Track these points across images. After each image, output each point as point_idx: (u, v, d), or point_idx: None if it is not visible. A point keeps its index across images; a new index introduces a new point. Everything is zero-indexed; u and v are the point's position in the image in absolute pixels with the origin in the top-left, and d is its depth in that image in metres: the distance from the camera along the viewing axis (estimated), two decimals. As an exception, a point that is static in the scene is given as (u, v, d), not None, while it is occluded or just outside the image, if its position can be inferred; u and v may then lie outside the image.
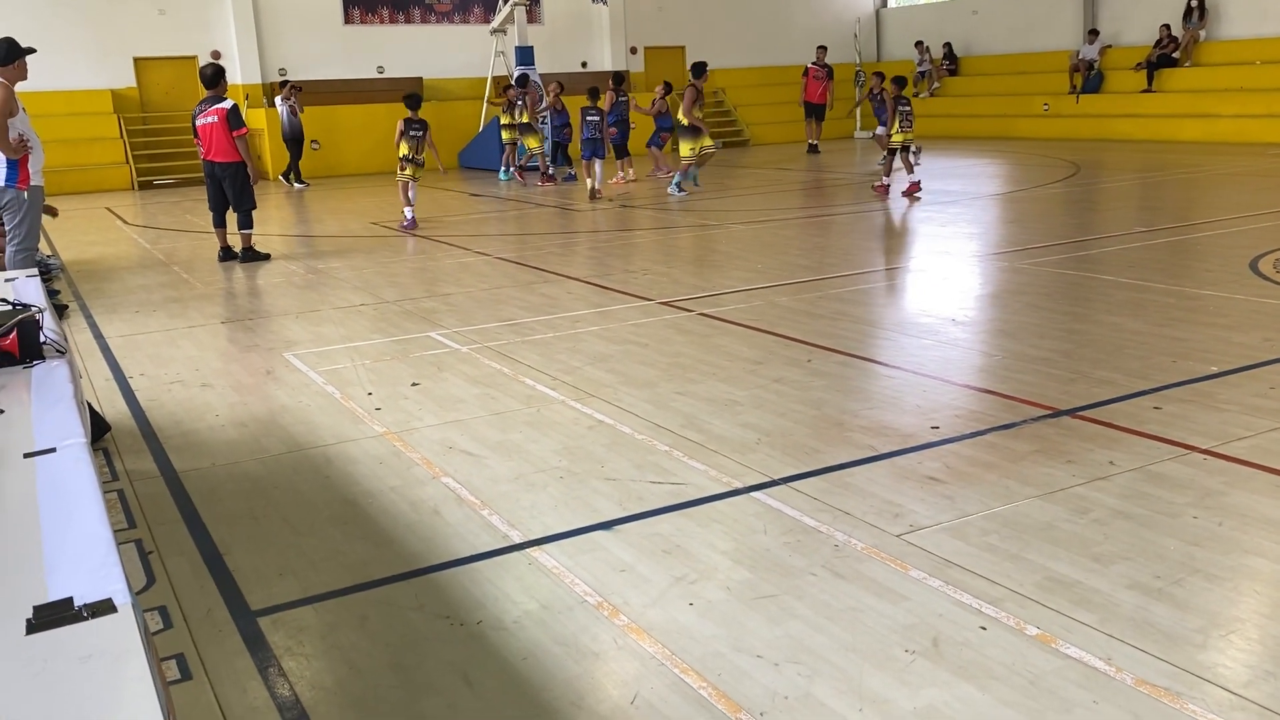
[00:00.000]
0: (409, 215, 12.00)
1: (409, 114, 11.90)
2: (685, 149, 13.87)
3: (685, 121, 13.70)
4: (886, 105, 13.43)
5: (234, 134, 9.70)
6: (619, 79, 16.89)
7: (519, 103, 16.45)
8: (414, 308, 7.60)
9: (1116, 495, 3.75)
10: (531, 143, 16.60)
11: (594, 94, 14.94)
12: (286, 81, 18.85)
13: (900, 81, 13.29)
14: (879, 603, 3.07)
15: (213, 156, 9.89)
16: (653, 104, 15.99)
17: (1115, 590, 3.08)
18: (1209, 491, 3.75)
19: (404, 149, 11.87)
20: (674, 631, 2.96)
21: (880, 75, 15.17)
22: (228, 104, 9.76)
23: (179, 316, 7.71)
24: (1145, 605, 2.99)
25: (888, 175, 13.66)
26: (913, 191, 12.93)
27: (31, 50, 7.04)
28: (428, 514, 3.88)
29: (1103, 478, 3.92)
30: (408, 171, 11.92)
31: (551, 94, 16.14)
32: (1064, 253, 8.80)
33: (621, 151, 16.31)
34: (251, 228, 10.14)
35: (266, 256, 10.20)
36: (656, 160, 16.86)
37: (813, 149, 20.46)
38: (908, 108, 13.07)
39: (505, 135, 17.00)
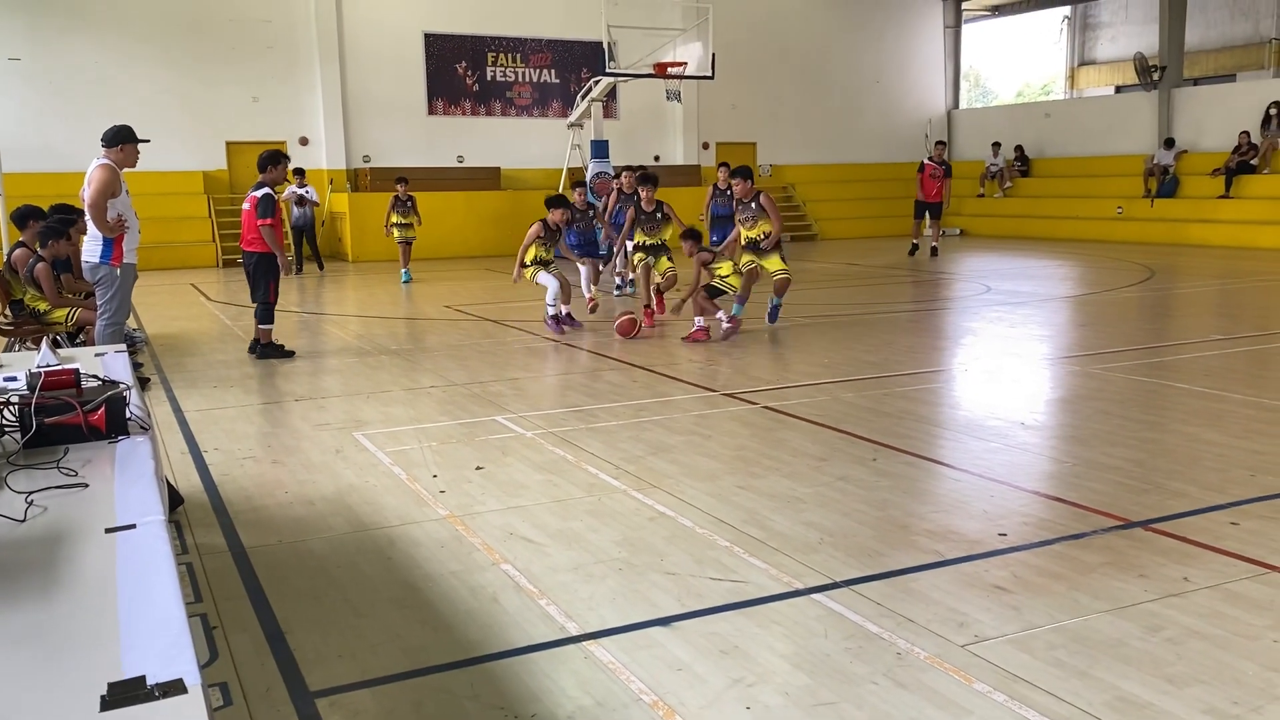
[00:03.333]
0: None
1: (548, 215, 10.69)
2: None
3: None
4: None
5: (259, 222, 9.08)
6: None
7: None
8: (482, 391, 7.72)
9: (1191, 614, 3.63)
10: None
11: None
12: (300, 170, 17.84)
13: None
14: (941, 715, 2.99)
15: (243, 243, 9.39)
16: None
17: (1190, 714, 2.97)
18: (1290, 614, 3.61)
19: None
20: (729, 735, 2.91)
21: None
22: (261, 191, 9.15)
23: (254, 393, 7.92)
24: (1222, 733, 2.87)
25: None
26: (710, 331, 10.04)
27: (145, 140, 7.36)
28: (486, 601, 3.89)
29: (1177, 594, 3.80)
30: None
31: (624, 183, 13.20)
32: (1138, 358, 8.66)
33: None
34: (268, 323, 9.41)
35: (290, 354, 9.43)
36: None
37: (914, 249, 19.11)
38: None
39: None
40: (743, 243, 10.38)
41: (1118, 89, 30.50)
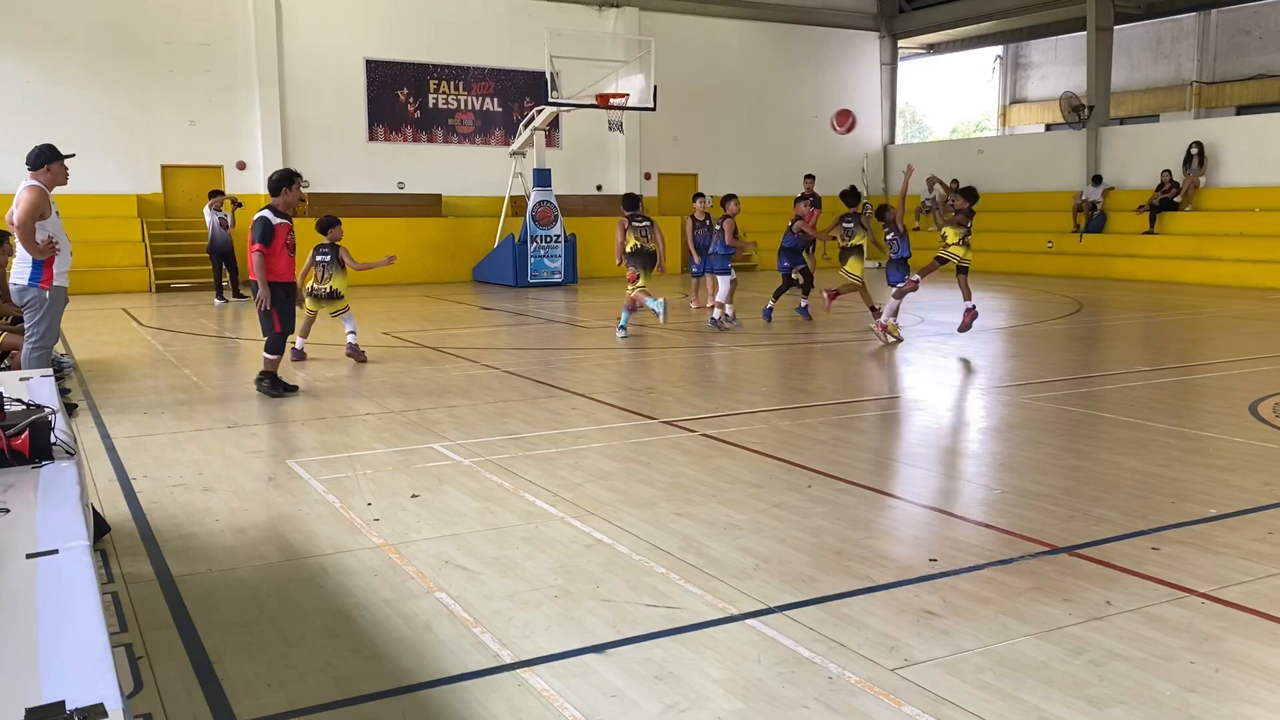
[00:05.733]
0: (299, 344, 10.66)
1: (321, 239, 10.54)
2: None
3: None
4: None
5: (251, 248, 8.48)
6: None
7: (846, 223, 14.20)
8: (419, 419, 7.66)
9: (1113, 636, 3.73)
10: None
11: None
12: (218, 192, 17.47)
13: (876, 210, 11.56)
14: (871, 738, 3.03)
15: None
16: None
17: (1110, 735, 3.04)
18: (1206, 636, 3.73)
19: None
20: (662, 760, 2.92)
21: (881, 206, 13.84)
22: (258, 214, 8.59)
23: (186, 419, 7.78)
24: (1140, 752, 2.95)
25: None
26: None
27: (70, 155, 7.29)
28: (420, 629, 3.86)
29: (1099, 618, 3.90)
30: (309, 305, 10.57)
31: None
32: (1066, 389, 8.88)
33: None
34: (272, 353, 8.67)
35: (292, 388, 8.78)
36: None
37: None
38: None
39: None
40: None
41: (1048, 127, 31.39)
